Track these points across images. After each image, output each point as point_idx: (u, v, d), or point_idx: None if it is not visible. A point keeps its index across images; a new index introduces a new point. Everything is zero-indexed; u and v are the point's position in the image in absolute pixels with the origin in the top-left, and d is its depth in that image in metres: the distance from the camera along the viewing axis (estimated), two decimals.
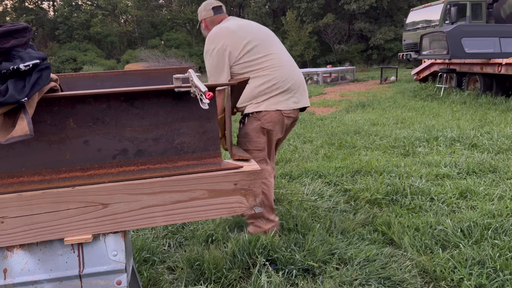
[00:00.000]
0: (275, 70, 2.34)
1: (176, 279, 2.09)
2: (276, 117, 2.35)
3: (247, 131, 2.35)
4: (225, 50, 2.29)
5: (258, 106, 2.33)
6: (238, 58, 2.31)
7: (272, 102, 2.33)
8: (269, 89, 2.32)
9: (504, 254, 2.17)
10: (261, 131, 2.35)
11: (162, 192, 1.17)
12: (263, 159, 2.40)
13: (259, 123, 2.34)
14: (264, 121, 2.34)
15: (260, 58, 2.33)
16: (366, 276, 2.04)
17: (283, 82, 2.35)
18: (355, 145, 4.90)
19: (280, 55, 2.41)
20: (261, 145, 2.38)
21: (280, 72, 2.35)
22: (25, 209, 1.10)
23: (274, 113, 2.34)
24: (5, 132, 0.98)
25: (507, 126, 5.55)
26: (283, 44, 2.56)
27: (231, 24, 2.39)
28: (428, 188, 3.23)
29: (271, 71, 2.33)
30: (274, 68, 2.34)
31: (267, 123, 2.34)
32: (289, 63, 2.44)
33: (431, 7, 13.99)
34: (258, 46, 2.34)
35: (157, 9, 34.66)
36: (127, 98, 1.13)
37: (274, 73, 2.33)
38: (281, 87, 2.34)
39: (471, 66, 8.53)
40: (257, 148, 2.37)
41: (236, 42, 2.31)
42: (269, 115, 2.33)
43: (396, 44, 25.03)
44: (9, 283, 1.13)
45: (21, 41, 1.05)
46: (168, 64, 18.06)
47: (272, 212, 2.51)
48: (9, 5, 32.12)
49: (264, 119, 2.33)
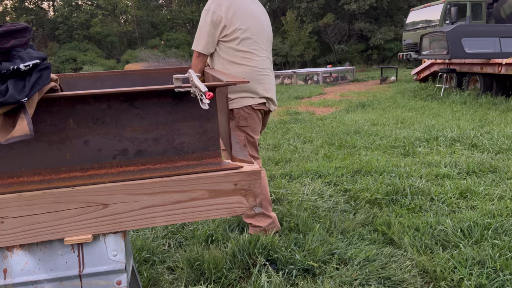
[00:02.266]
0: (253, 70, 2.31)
1: (176, 279, 2.10)
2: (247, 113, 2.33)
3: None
4: (221, 21, 2.22)
5: (231, 104, 2.29)
6: (228, 38, 2.24)
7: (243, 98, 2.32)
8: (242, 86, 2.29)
9: (504, 254, 2.17)
10: (238, 129, 2.33)
11: (162, 192, 1.17)
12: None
13: (234, 122, 2.32)
14: (238, 119, 2.31)
15: (246, 52, 2.28)
16: (366, 276, 2.04)
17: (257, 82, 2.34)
18: (355, 145, 4.90)
19: (266, 60, 2.39)
20: (241, 141, 2.35)
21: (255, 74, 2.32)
22: (25, 209, 1.10)
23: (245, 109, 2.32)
24: (5, 132, 0.98)
25: (507, 126, 5.55)
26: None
27: (245, 1, 2.32)
28: (428, 188, 3.23)
29: (249, 70, 2.30)
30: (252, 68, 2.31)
31: (242, 121, 2.32)
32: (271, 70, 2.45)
33: (431, 7, 13.99)
34: (252, 42, 2.29)
35: (157, 9, 34.67)
36: (127, 98, 1.13)
37: (252, 69, 2.31)
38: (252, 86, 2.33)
39: (471, 66, 8.53)
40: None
41: (237, 21, 2.23)
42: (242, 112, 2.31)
43: (396, 44, 25.03)
44: (9, 283, 1.13)
45: (21, 41, 1.05)
46: (168, 64, 18.06)
47: (270, 206, 2.50)
48: (9, 5, 32.13)
49: (237, 117, 2.31)
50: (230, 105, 2.28)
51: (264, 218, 2.47)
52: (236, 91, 2.28)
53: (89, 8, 33.25)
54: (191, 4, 32.51)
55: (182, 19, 32.44)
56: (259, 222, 2.46)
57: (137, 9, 32.60)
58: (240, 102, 2.29)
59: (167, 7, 35.61)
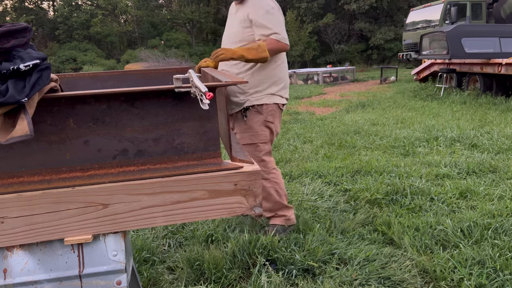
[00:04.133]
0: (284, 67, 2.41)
1: (176, 279, 2.10)
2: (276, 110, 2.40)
3: (251, 125, 2.36)
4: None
5: (260, 99, 2.33)
6: None
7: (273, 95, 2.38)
8: (278, 81, 2.37)
9: (504, 254, 2.17)
10: (263, 124, 2.37)
11: (162, 192, 1.17)
12: (269, 151, 2.43)
13: (262, 116, 2.35)
14: (266, 114, 2.35)
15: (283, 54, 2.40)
16: (366, 276, 2.04)
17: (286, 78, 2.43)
18: (355, 145, 4.90)
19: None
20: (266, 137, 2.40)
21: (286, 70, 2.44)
22: (25, 209, 1.10)
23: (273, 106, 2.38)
24: (5, 132, 0.98)
25: (507, 126, 5.55)
26: None
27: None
28: (428, 188, 3.23)
29: (283, 65, 2.39)
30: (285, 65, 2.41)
31: (269, 116, 2.36)
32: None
33: (431, 7, 13.99)
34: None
35: (157, 9, 34.68)
36: (127, 98, 1.13)
37: (285, 69, 2.40)
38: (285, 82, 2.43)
39: (471, 66, 8.53)
40: (265, 142, 2.39)
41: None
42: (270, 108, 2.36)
43: (396, 44, 25.03)
44: (9, 283, 1.13)
45: (21, 41, 1.05)
46: (168, 64, 18.06)
47: (286, 199, 2.56)
48: (9, 5, 32.13)
49: (266, 112, 2.35)
50: (259, 100, 2.31)
51: (286, 209, 2.53)
52: (266, 87, 2.32)
53: (89, 8, 33.25)
54: (191, 4, 32.51)
55: (182, 19, 32.43)
56: (282, 212, 2.51)
57: (137, 9, 32.60)
58: (270, 98, 2.34)
59: (167, 7, 35.62)
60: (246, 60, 2.14)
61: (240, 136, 2.40)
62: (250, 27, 2.27)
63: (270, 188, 2.45)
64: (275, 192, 2.46)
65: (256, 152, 2.38)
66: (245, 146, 2.36)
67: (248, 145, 2.37)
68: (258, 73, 2.31)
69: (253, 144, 2.36)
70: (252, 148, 2.37)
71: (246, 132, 2.37)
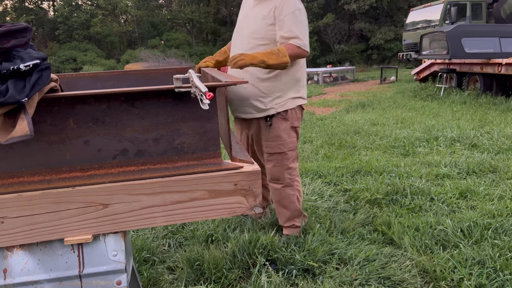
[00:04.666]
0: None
1: (176, 279, 2.10)
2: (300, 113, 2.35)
3: (279, 133, 2.27)
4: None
5: (285, 104, 2.23)
6: None
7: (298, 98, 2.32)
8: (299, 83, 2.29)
9: (504, 254, 2.17)
10: (291, 131, 2.30)
11: (162, 192, 1.17)
12: (296, 157, 2.38)
13: (289, 122, 2.28)
14: (292, 120, 2.28)
15: None
16: (366, 276, 2.04)
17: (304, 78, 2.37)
18: (355, 145, 4.90)
19: None
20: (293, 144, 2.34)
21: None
22: (25, 209, 1.10)
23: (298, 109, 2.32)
24: (5, 132, 0.98)
25: (507, 126, 5.55)
26: None
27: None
28: (428, 188, 3.23)
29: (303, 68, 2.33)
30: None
31: (295, 121, 2.30)
32: None
33: (431, 7, 13.99)
34: None
35: (157, 9, 34.66)
36: (127, 98, 1.13)
37: (305, 70, 2.35)
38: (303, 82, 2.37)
39: (471, 66, 8.53)
40: (293, 149, 2.33)
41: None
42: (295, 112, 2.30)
43: (396, 44, 25.02)
44: (9, 283, 1.13)
45: (21, 41, 1.05)
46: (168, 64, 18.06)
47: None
48: (9, 5, 32.12)
49: (292, 117, 2.28)
50: (284, 106, 2.23)
51: (303, 218, 2.52)
52: (290, 90, 2.24)
53: (89, 8, 33.24)
54: (191, 4, 32.51)
55: (182, 19, 32.42)
56: (299, 223, 2.47)
57: (137, 9, 32.59)
58: (293, 102, 2.26)
59: (167, 7, 35.61)
60: (267, 66, 2.01)
61: (266, 144, 2.31)
62: (274, 25, 2.11)
63: (292, 195, 2.39)
64: (297, 200, 2.41)
65: (284, 161, 2.31)
66: (272, 155, 2.30)
67: (276, 154, 2.30)
68: (284, 76, 2.20)
69: (281, 153, 2.29)
70: (280, 156, 2.30)
71: (274, 141, 2.28)
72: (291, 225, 2.45)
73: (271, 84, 2.19)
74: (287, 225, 2.46)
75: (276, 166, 2.32)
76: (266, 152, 2.33)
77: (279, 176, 2.34)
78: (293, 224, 2.45)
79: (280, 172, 2.33)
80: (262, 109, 2.22)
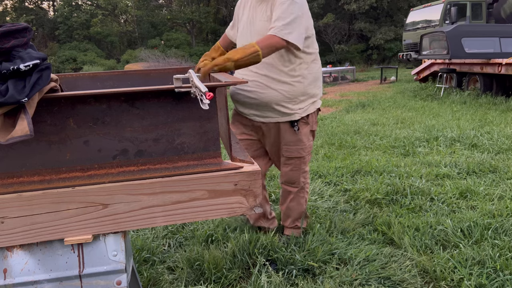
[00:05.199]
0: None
1: (176, 279, 2.10)
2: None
3: (301, 137, 2.21)
4: (307, 12, 2.02)
5: (307, 109, 2.17)
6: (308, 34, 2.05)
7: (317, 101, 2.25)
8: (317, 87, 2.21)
9: (504, 254, 2.17)
10: (310, 135, 2.27)
11: (162, 192, 1.17)
12: (309, 160, 2.35)
13: (309, 126, 2.23)
14: (312, 124, 2.24)
15: (315, 53, 2.16)
16: (366, 276, 2.04)
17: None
18: (355, 145, 4.90)
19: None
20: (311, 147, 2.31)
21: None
22: (25, 209, 1.10)
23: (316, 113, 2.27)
24: (5, 132, 0.98)
25: (507, 126, 5.55)
26: None
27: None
28: (428, 188, 3.23)
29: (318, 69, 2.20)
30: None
31: (314, 125, 2.26)
32: None
33: (431, 7, 13.99)
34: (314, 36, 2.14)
35: (157, 9, 34.64)
36: (127, 98, 1.13)
37: (319, 66, 2.21)
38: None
39: (471, 66, 8.53)
40: (309, 152, 2.30)
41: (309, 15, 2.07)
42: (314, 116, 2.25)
43: (396, 44, 25.02)
44: (9, 283, 1.13)
45: (22, 41, 1.05)
46: (168, 64, 18.05)
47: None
48: (9, 5, 32.12)
49: (311, 121, 2.23)
50: (306, 111, 2.16)
51: (306, 219, 2.51)
52: (310, 94, 2.15)
53: (89, 8, 33.23)
54: (191, 4, 32.50)
55: (182, 19, 32.41)
56: (303, 222, 2.47)
57: (137, 9, 32.58)
58: (314, 106, 2.20)
59: (167, 7, 35.59)
60: (236, 63, 1.74)
61: (286, 148, 2.23)
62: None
63: (302, 198, 2.38)
64: (305, 202, 2.42)
65: (302, 165, 2.28)
66: (291, 159, 2.25)
67: (295, 158, 2.25)
68: (307, 78, 2.11)
69: (300, 157, 2.25)
70: (299, 161, 2.26)
71: (296, 145, 2.21)
72: (294, 225, 2.45)
73: (294, 88, 2.09)
74: (290, 226, 2.46)
75: (294, 170, 2.29)
76: (285, 156, 2.26)
77: (295, 180, 2.32)
78: (296, 225, 2.45)
79: (297, 176, 2.31)
80: (287, 113, 2.13)
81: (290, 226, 2.46)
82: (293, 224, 2.45)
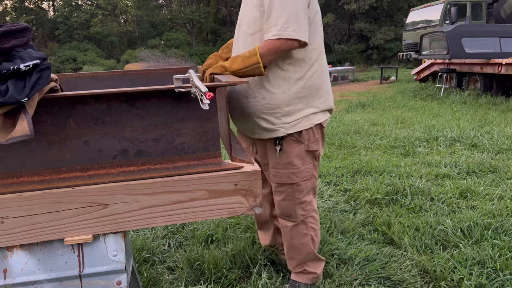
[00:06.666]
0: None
1: (176, 279, 2.10)
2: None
3: (290, 159, 1.74)
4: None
5: (298, 124, 1.69)
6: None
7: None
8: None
9: (504, 254, 2.17)
10: (306, 156, 1.76)
11: (162, 192, 1.17)
12: (312, 188, 1.85)
13: (303, 146, 1.74)
14: (308, 142, 1.74)
15: (321, 44, 1.73)
16: (366, 276, 2.04)
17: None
18: (355, 145, 4.90)
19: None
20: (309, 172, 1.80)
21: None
22: (25, 209, 1.10)
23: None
24: (5, 132, 0.98)
25: (507, 126, 5.55)
26: None
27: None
28: (428, 188, 3.23)
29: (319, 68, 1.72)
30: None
31: (313, 144, 1.75)
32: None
33: (431, 7, 14.00)
34: (322, 30, 1.73)
35: (157, 9, 34.65)
36: (127, 98, 1.13)
37: (322, 73, 1.74)
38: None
39: (471, 66, 8.53)
40: (308, 178, 1.80)
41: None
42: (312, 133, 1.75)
43: (396, 44, 25.03)
44: (9, 283, 1.13)
45: (22, 41, 1.05)
46: (168, 64, 18.05)
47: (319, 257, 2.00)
48: (9, 5, 32.11)
49: (307, 139, 1.74)
50: (295, 126, 1.68)
51: (317, 263, 1.98)
52: (299, 106, 1.67)
53: (89, 8, 33.23)
54: (191, 4, 32.50)
55: (182, 19, 32.41)
56: (313, 268, 1.95)
57: (137, 9, 32.58)
58: (310, 119, 1.71)
59: (167, 7, 35.60)
60: (233, 73, 1.52)
61: (275, 172, 1.78)
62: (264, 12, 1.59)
63: (305, 236, 1.86)
64: (311, 240, 1.89)
65: (296, 193, 1.78)
66: (281, 185, 1.78)
67: (286, 185, 1.77)
68: (291, 85, 1.65)
69: (293, 184, 1.76)
70: (291, 188, 1.77)
71: (284, 168, 1.74)
72: (302, 270, 1.94)
73: (274, 96, 1.64)
74: (297, 271, 1.96)
75: (287, 199, 1.80)
76: (274, 182, 1.81)
77: (290, 212, 1.82)
78: (304, 270, 1.94)
79: (291, 208, 1.81)
80: (268, 128, 1.69)
81: (297, 271, 1.96)
82: (300, 269, 1.95)
